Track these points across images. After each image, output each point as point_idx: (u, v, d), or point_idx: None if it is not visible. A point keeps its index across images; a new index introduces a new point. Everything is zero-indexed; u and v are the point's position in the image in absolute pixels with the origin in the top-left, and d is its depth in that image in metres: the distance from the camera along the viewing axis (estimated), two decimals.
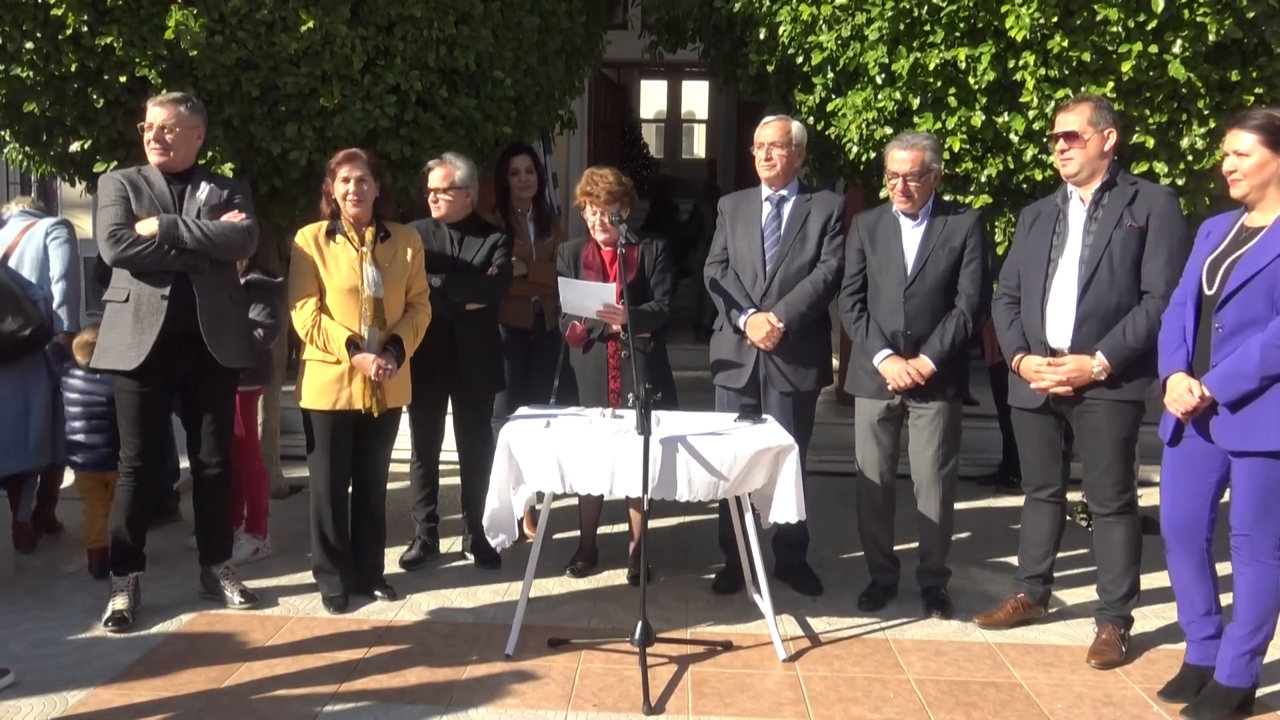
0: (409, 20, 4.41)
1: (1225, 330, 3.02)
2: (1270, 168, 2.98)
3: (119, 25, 4.14)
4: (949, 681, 3.46)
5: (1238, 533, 3.10)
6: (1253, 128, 2.99)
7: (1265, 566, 3.06)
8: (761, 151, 4.09)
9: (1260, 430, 2.96)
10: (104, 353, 3.71)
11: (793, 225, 4.11)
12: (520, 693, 3.28)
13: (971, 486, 5.99)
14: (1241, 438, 3.01)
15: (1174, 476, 3.26)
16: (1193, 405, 3.08)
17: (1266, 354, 2.91)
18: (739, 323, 4.11)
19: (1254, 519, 3.04)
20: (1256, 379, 2.93)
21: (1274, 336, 2.91)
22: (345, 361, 3.81)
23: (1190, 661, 3.36)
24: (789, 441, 3.60)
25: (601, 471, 3.49)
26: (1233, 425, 3.02)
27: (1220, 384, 3.01)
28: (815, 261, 4.09)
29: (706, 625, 3.89)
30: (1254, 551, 3.07)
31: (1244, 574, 3.11)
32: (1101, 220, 3.52)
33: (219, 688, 3.27)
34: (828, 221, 4.10)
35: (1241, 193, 3.06)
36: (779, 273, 4.08)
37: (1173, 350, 3.18)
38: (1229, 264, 3.04)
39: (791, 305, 4.03)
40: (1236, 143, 3.02)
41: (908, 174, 3.83)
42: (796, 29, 4.69)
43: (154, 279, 3.65)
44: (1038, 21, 4.08)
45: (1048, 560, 3.89)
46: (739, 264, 4.18)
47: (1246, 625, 3.12)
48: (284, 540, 4.72)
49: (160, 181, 3.73)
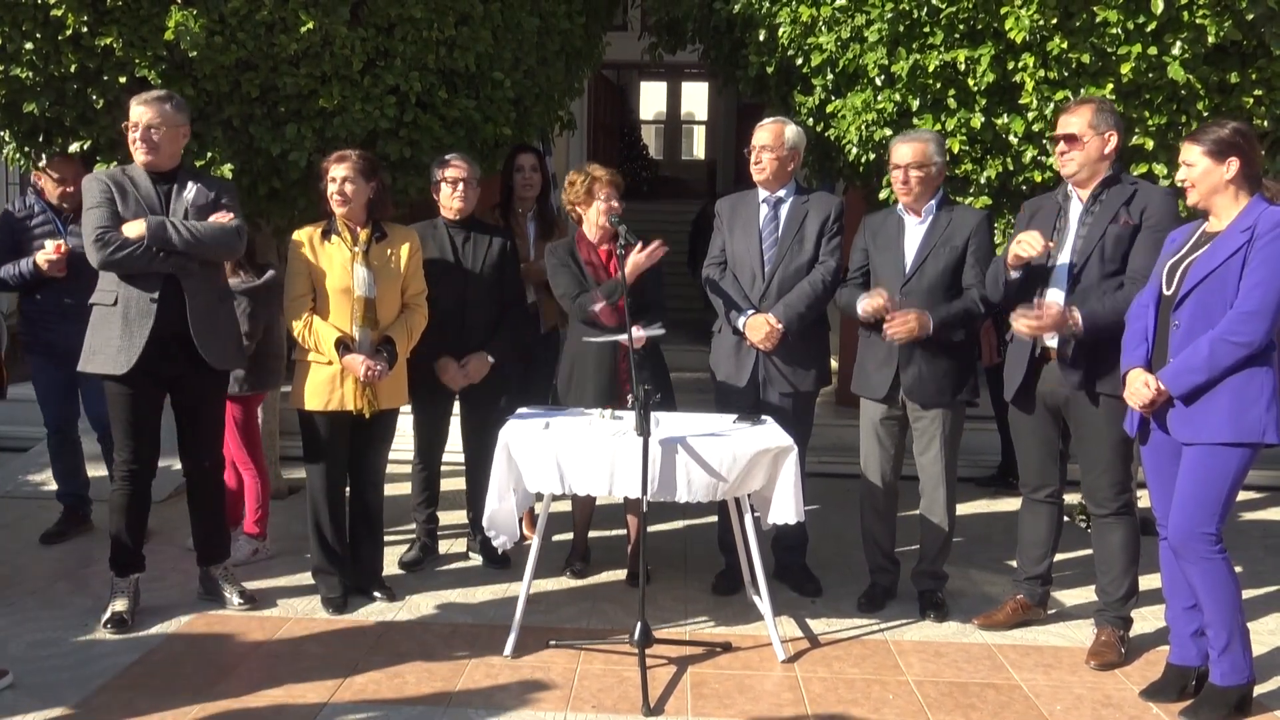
0: (409, 21, 4.41)
1: (1182, 328, 3.14)
2: (1213, 177, 3.15)
3: (119, 26, 4.14)
4: (948, 683, 3.46)
5: (1174, 538, 3.18)
6: (1200, 141, 3.18)
7: (1210, 562, 3.12)
8: (753, 154, 4.10)
9: (1211, 423, 3.08)
10: (92, 356, 3.68)
11: (790, 226, 4.10)
12: (519, 693, 3.28)
13: (970, 488, 5.99)
14: (1193, 431, 3.13)
15: (1154, 469, 3.35)
16: (1149, 398, 3.18)
17: (1215, 348, 3.05)
18: (738, 324, 4.10)
19: (1189, 513, 3.12)
20: (1206, 372, 3.07)
21: (1222, 332, 3.05)
22: (336, 363, 3.82)
23: (1173, 661, 3.39)
24: (788, 443, 3.60)
25: (601, 472, 3.49)
26: (1186, 419, 3.14)
27: (1173, 378, 3.13)
28: (813, 262, 4.09)
29: (706, 626, 3.89)
30: (1194, 551, 3.13)
31: (1193, 573, 3.17)
32: (1097, 216, 3.54)
33: (218, 689, 3.26)
34: (825, 222, 4.10)
35: (1193, 201, 3.24)
36: (777, 274, 4.08)
37: (1134, 347, 3.30)
38: (1185, 266, 3.17)
39: (790, 306, 4.03)
40: (1186, 155, 3.22)
41: (909, 164, 3.85)
42: (796, 30, 4.69)
43: (143, 281, 3.63)
44: (1037, 23, 4.08)
45: (1046, 561, 3.89)
46: (737, 265, 4.18)
47: (1215, 625, 3.17)
48: (283, 541, 4.72)
49: (146, 181, 3.70)
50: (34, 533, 4.72)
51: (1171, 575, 3.36)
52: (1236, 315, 3.03)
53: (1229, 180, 3.13)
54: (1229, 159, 3.12)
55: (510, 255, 4.42)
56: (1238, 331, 3.02)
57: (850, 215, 4.25)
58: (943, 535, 4.03)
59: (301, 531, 4.16)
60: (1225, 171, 3.12)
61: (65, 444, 4.82)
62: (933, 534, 4.05)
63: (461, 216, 4.34)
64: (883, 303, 3.82)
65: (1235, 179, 3.13)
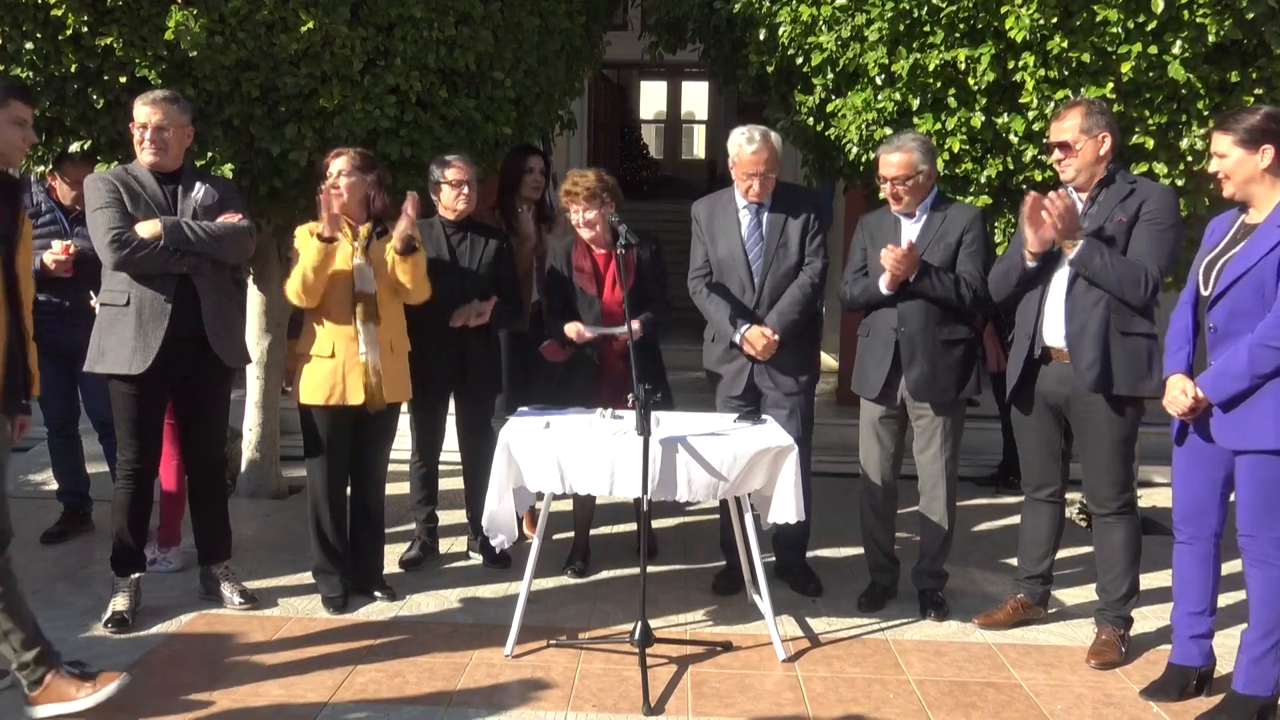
0: (409, 21, 4.41)
1: (1218, 330, 3.07)
2: (1248, 167, 3.04)
3: (119, 26, 4.13)
4: (949, 682, 3.46)
5: (1244, 533, 3.09)
6: (1230, 129, 3.07)
7: (1273, 568, 3.04)
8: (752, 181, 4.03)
9: (1255, 429, 2.99)
10: (102, 356, 3.67)
11: (774, 232, 4.10)
12: (520, 693, 3.28)
13: (971, 487, 5.99)
14: (1238, 437, 3.04)
15: (1185, 467, 3.27)
16: (1188, 407, 3.12)
17: (1255, 354, 2.96)
18: (735, 339, 4.08)
19: (1257, 518, 3.03)
20: (1247, 378, 2.98)
21: (1262, 337, 2.95)
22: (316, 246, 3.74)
23: (1174, 661, 3.37)
24: (788, 442, 3.60)
25: (601, 472, 3.49)
26: (1229, 424, 3.06)
27: (1213, 384, 3.06)
28: (800, 264, 4.10)
29: (706, 626, 3.89)
30: (1261, 552, 3.05)
31: (1253, 575, 3.09)
32: (1093, 217, 3.53)
33: (218, 689, 3.26)
34: (806, 222, 4.11)
35: (1229, 193, 3.13)
36: (768, 282, 4.09)
37: (1175, 350, 3.23)
38: (1221, 264, 3.09)
39: (784, 314, 4.05)
40: (1217, 145, 3.11)
41: (895, 178, 3.85)
42: (796, 30, 4.69)
43: (157, 282, 3.63)
44: (1037, 22, 4.08)
45: (1047, 561, 3.89)
46: (724, 275, 4.16)
47: (1258, 629, 3.09)
48: (283, 541, 4.72)
49: (152, 182, 3.70)
50: (34, 533, 4.71)
51: (1183, 577, 3.32)
52: (1275, 319, 2.93)
53: (1265, 169, 3.00)
54: (1263, 146, 2.99)
55: (506, 255, 4.43)
56: (1276, 336, 2.91)
57: (850, 214, 4.25)
58: (942, 534, 4.03)
59: (302, 531, 4.16)
60: (1260, 160, 3.00)
61: (66, 443, 4.82)
62: (933, 533, 4.05)
63: (461, 217, 4.35)
64: (903, 250, 3.78)
65: (1272, 167, 3.00)
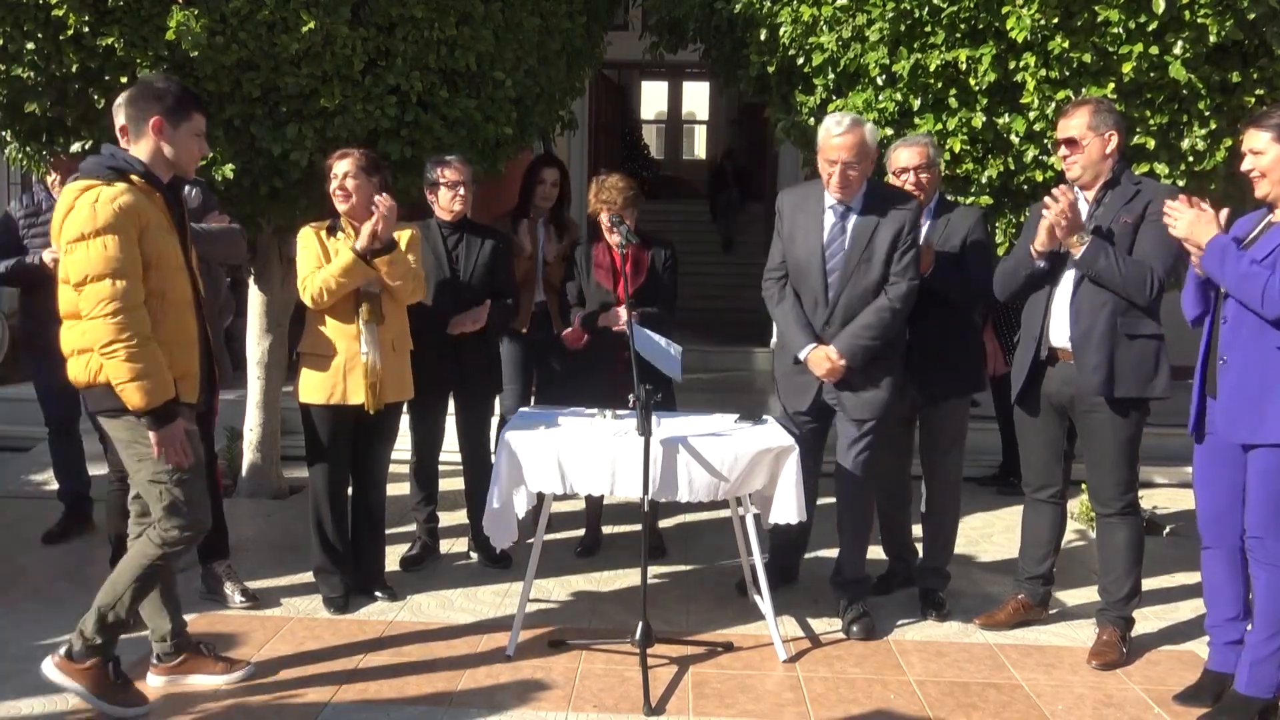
0: (410, 21, 4.41)
1: (1230, 322, 3.04)
2: None
3: (120, 26, 4.13)
4: (950, 682, 3.46)
5: (1252, 534, 3.06)
6: (1267, 125, 2.99)
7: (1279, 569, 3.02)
8: (837, 169, 3.58)
9: (1271, 422, 2.93)
10: None
11: (858, 241, 3.65)
12: (520, 693, 3.28)
13: (971, 487, 5.97)
14: (1251, 430, 2.99)
15: (1205, 470, 3.25)
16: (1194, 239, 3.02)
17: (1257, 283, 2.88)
18: (800, 356, 3.75)
19: (1265, 518, 3.00)
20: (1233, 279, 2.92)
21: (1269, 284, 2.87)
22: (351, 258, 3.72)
23: (1211, 668, 3.32)
24: (789, 442, 3.60)
25: (602, 472, 3.49)
26: (1243, 417, 3.00)
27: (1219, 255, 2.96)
28: (883, 282, 3.65)
29: (707, 626, 3.89)
30: (1267, 553, 3.02)
31: (1259, 576, 3.07)
32: (1098, 219, 3.53)
33: (218, 689, 3.26)
34: (898, 235, 3.62)
35: (1263, 191, 3.04)
36: (842, 298, 3.67)
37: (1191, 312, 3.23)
38: None
39: (855, 338, 3.63)
40: (1252, 141, 3.01)
41: (917, 167, 3.87)
42: (797, 30, 4.69)
43: None
44: (1038, 23, 4.08)
45: (1048, 561, 3.89)
46: (798, 282, 3.78)
47: (1263, 631, 3.06)
48: (284, 541, 4.72)
49: None
50: (35, 533, 4.72)
51: (1212, 584, 3.28)
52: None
53: None
54: None
55: (503, 255, 4.44)
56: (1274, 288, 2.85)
57: None
58: (945, 534, 4.04)
59: (303, 531, 4.16)
60: None
61: (66, 442, 4.82)
62: (935, 532, 4.05)
63: (458, 218, 4.36)
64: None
65: None
